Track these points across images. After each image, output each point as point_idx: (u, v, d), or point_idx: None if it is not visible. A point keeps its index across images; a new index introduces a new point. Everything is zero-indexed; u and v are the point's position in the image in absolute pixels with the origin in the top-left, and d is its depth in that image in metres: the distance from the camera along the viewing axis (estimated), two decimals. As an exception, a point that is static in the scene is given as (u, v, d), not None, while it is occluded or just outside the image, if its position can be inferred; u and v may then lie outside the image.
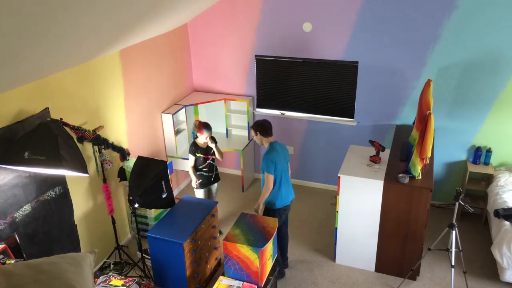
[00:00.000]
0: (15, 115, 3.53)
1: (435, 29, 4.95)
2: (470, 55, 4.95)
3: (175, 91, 5.97)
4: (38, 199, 3.82)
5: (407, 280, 4.54)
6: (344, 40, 5.40)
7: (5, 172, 3.45)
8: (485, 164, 5.31)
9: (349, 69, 5.54)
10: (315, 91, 5.83)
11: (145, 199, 4.11)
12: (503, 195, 4.75)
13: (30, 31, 2.58)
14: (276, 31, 5.64)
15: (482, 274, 4.61)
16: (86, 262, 2.32)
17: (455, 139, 5.39)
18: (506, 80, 4.93)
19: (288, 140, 6.22)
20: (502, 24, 4.70)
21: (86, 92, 4.31)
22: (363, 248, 4.61)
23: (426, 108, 4.13)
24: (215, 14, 5.83)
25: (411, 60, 5.20)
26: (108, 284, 3.21)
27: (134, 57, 4.99)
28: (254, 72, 6.01)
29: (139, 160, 4.21)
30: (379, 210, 4.34)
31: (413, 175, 4.21)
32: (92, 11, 2.89)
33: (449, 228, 4.08)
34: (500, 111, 5.07)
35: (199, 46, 6.14)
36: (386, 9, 5.06)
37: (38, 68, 3.40)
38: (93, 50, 3.94)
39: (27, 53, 2.91)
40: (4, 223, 3.49)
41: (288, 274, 4.70)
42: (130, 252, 5.06)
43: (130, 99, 5.03)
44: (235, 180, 6.52)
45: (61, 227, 4.13)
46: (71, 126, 3.86)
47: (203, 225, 4.22)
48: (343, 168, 4.47)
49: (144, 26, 4.28)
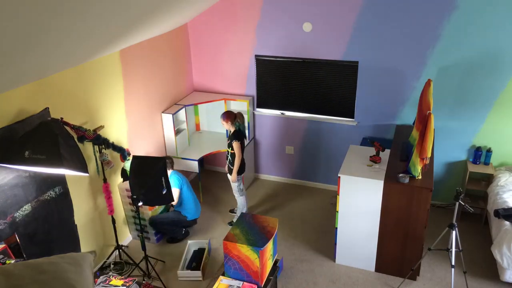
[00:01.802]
0: (15, 115, 3.53)
1: (435, 29, 4.95)
2: (470, 55, 4.95)
3: (175, 91, 5.97)
4: (38, 199, 3.82)
5: (407, 280, 4.54)
6: (344, 40, 5.40)
7: (5, 171, 3.45)
8: (485, 164, 5.31)
9: (349, 69, 5.54)
10: (315, 91, 5.83)
11: (148, 197, 4.14)
12: (503, 195, 4.75)
13: (31, 31, 2.58)
14: (276, 31, 5.64)
15: (482, 274, 4.61)
16: (86, 262, 2.32)
17: (455, 139, 5.39)
18: (506, 80, 4.93)
19: (288, 140, 6.22)
20: (502, 24, 4.70)
21: (86, 92, 4.31)
22: (363, 248, 4.61)
23: (426, 108, 4.13)
24: (215, 14, 5.83)
25: (411, 60, 5.20)
26: (108, 284, 3.21)
27: (134, 57, 4.99)
28: (254, 72, 6.02)
29: (135, 159, 4.23)
30: (379, 210, 4.34)
31: (413, 175, 4.21)
32: (92, 11, 2.89)
33: (449, 228, 4.08)
34: (500, 111, 5.07)
35: (199, 46, 6.14)
36: (386, 9, 5.06)
37: (38, 68, 3.40)
38: (93, 50, 3.94)
39: (28, 53, 2.91)
40: (4, 223, 3.49)
41: (288, 274, 4.70)
42: (130, 252, 5.06)
43: (130, 99, 5.03)
44: (235, 180, 6.53)
45: (61, 227, 4.12)
46: (71, 125, 3.86)
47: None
48: (343, 168, 4.47)
49: (144, 26, 4.28)
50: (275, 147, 6.35)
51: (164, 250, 5.12)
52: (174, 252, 5.08)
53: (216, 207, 5.95)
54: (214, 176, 6.70)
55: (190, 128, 6.47)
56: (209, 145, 6.16)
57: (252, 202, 6.01)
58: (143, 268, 4.76)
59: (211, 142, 6.26)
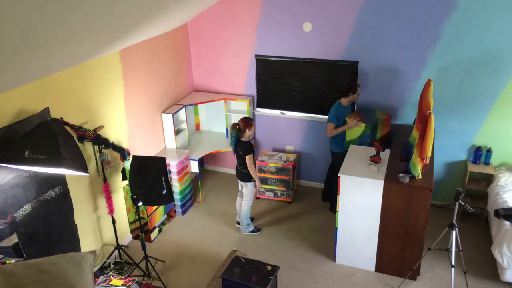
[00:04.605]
0: (15, 115, 3.52)
1: (435, 29, 4.95)
2: (470, 55, 4.95)
3: (175, 91, 5.97)
4: (38, 199, 3.82)
5: (407, 280, 4.54)
6: (344, 40, 5.40)
7: (5, 171, 3.45)
8: (486, 164, 5.31)
9: (349, 69, 5.54)
10: (315, 91, 5.83)
11: (148, 197, 4.14)
12: (504, 195, 4.74)
13: (31, 31, 2.58)
14: (276, 31, 5.64)
15: (482, 274, 4.61)
16: (86, 262, 2.32)
17: (455, 139, 5.39)
18: (506, 80, 4.93)
19: (288, 140, 6.22)
20: (502, 24, 4.70)
21: (87, 92, 4.31)
22: (363, 248, 4.61)
23: (426, 108, 4.13)
24: (215, 14, 5.83)
25: (411, 60, 5.20)
26: (108, 284, 3.21)
27: (134, 57, 4.98)
28: (254, 72, 6.02)
29: (135, 159, 4.23)
30: (379, 210, 4.34)
31: (413, 175, 4.20)
32: (92, 11, 2.89)
33: (449, 228, 4.08)
34: (500, 111, 5.07)
35: (199, 46, 6.14)
36: (386, 9, 5.06)
37: (38, 68, 3.40)
38: (93, 50, 3.94)
39: (30, 54, 2.91)
40: (4, 223, 3.49)
41: (288, 274, 4.70)
42: (130, 252, 5.06)
43: (130, 99, 5.03)
44: (235, 180, 6.52)
45: (61, 227, 4.12)
46: (71, 125, 3.86)
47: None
48: (343, 168, 4.47)
49: (144, 26, 4.28)
50: (275, 147, 6.35)
51: (164, 250, 5.12)
52: (174, 252, 5.08)
53: (216, 207, 5.95)
54: (214, 176, 6.70)
55: (190, 128, 6.47)
56: (209, 145, 6.16)
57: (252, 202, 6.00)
58: (143, 268, 4.77)
59: (211, 142, 6.26)
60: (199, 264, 4.89)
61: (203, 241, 5.27)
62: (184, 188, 5.71)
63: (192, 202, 6.00)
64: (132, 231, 5.29)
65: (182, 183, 5.63)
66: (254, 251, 5.06)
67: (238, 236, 5.33)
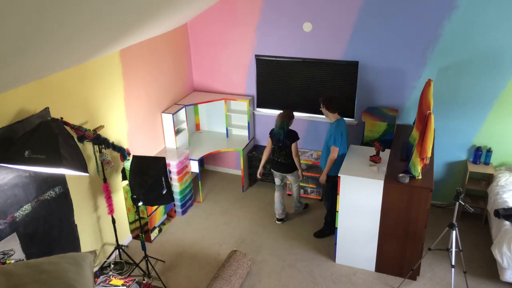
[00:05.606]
0: (15, 115, 3.52)
1: (435, 29, 4.95)
2: (470, 55, 4.95)
3: (175, 91, 5.97)
4: (38, 198, 3.82)
5: (407, 280, 4.54)
6: (344, 40, 5.40)
7: (5, 171, 3.45)
8: (486, 164, 5.31)
9: (349, 69, 5.54)
10: (315, 91, 5.83)
11: (148, 197, 4.14)
12: (504, 195, 4.74)
13: (31, 31, 2.58)
14: (276, 31, 5.64)
15: (482, 274, 4.61)
16: (86, 262, 2.32)
17: (455, 139, 5.39)
18: (506, 80, 4.93)
19: (288, 140, 6.22)
20: (502, 24, 4.70)
21: (86, 92, 4.31)
22: (363, 248, 4.61)
23: (426, 108, 4.13)
24: (215, 14, 5.83)
25: (411, 60, 5.20)
26: (108, 284, 3.22)
27: (134, 57, 4.98)
28: (254, 72, 6.02)
29: (135, 159, 4.23)
30: (379, 210, 4.34)
31: (413, 175, 4.20)
32: (92, 11, 2.89)
33: (449, 228, 4.08)
34: (500, 111, 5.07)
35: (199, 46, 6.14)
36: (386, 9, 5.06)
37: (38, 68, 3.40)
38: (93, 50, 3.94)
39: (30, 54, 2.91)
40: (4, 223, 3.49)
41: (288, 274, 4.70)
42: (130, 252, 5.06)
43: (130, 99, 5.03)
44: (235, 180, 6.53)
45: (61, 227, 4.12)
46: (71, 125, 3.86)
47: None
48: (343, 168, 4.47)
49: (144, 26, 4.28)
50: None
51: (164, 250, 5.12)
52: (174, 252, 5.08)
53: (216, 207, 5.95)
54: (214, 176, 6.70)
55: (190, 128, 6.47)
56: (209, 145, 6.16)
57: (252, 202, 6.01)
58: (143, 268, 4.77)
59: (211, 142, 6.26)
60: (199, 264, 4.89)
61: (203, 241, 5.27)
62: (184, 188, 5.71)
63: (192, 202, 6.00)
64: (132, 231, 5.30)
65: (182, 183, 5.63)
66: (254, 251, 5.06)
67: (238, 236, 5.34)
